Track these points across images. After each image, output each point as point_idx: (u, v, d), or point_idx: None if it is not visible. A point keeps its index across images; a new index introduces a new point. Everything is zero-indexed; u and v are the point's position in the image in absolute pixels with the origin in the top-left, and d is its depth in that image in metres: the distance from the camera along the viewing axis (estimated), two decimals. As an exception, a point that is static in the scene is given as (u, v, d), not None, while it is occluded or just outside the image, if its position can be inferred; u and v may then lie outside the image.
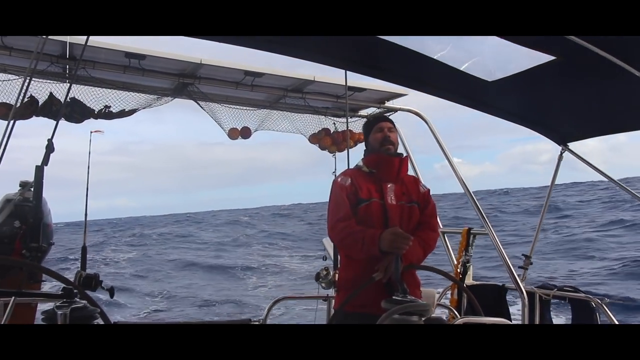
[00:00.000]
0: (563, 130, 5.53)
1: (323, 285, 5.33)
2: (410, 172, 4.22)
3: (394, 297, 2.92)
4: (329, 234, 3.85)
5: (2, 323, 3.47)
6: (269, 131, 6.62)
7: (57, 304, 2.19)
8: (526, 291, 5.22)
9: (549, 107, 4.89)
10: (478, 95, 4.76)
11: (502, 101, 4.90)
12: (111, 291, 4.08)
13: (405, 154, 4.09)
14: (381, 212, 3.75)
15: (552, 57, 3.61)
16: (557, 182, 6.20)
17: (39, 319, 3.93)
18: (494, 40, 3.39)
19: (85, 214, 5.08)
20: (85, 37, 3.92)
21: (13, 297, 3.67)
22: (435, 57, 3.91)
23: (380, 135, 3.94)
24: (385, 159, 3.88)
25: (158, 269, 28.44)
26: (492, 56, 3.97)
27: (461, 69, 4.10)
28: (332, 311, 4.61)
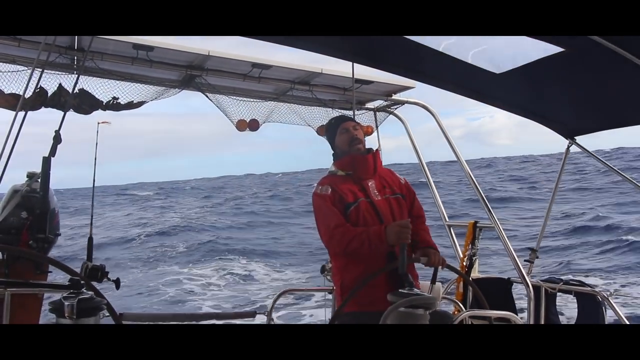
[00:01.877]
0: (570, 124, 5.51)
1: (328, 278, 5.33)
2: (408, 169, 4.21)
3: (400, 290, 2.93)
4: (327, 245, 3.84)
5: (8, 313, 3.50)
6: (187, 97, 6.51)
7: (64, 294, 2.20)
8: (532, 285, 5.23)
9: (557, 100, 4.89)
10: (486, 88, 4.76)
11: (509, 94, 4.89)
12: (117, 283, 4.10)
13: (375, 149, 4.11)
14: (371, 209, 3.77)
15: (561, 49, 3.60)
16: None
17: (45, 310, 3.98)
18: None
19: (92, 205, 5.11)
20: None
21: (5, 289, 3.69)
22: (440, 49, 3.90)
23: (346, 136, 3.95)
24: (360, 158, 3.90)
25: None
26: (500, 47, 3.96)
27: (468, 60, 4.10)
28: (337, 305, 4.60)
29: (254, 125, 6.42)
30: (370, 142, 6.88)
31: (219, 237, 29.26)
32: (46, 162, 3.95)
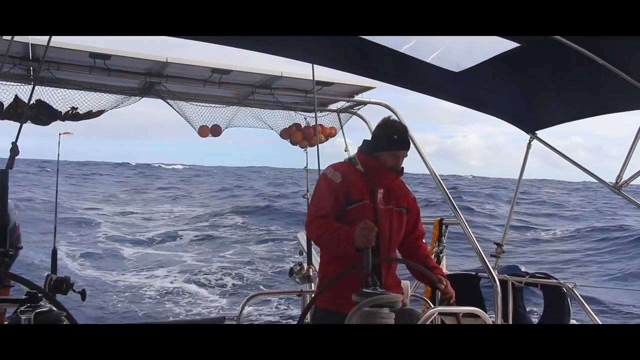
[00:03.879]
0: (531, 118, 5.57)
1: (297, 280, 5.33)
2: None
3: (364, 290, 2.92)
4: (306, 228, 3.84)
5: None
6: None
7: (22, 308, 2.16)
8: (499, 279, 5.28)
9: (516, 96, 4.93)
10: (446, 86, 4.78)
11: (470, 91, 4.93)
12: (82, 294, 4.05)
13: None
14: (372, 215, 3.72)
15: (516, 44, 3.64)
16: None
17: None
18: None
19: (55, 217, 5.04)
20: (47, 37, 3.88)
21: None
22: (398, 49, 3.91)
23: (393, 160, 3.81)
24: (386, 173, 3.82)
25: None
26: (457, 46, 3.98)
27: (428, 60, 4.12)
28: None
29: (216, 130, 6.41)
30: (335, 142, 6.91)
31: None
32: (3, 175, 3.88)
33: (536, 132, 5.68)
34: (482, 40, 3.72)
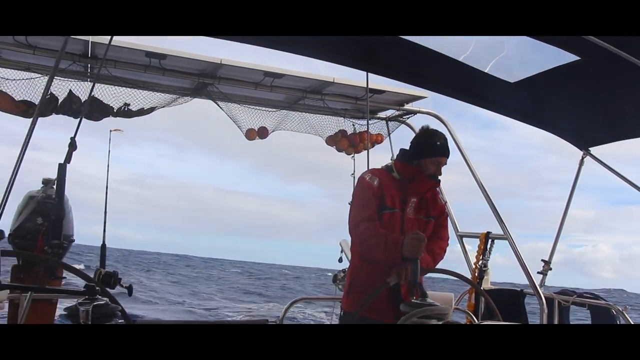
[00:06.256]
0: (585, 133, 5.47)
1: (340, 287, 5.31)
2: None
3: (413, 301, 2.91)
4: (350, 232, 3.84)
5: (22, 317, 3.50)
6: (288, 184, 6.59)
7: (80, 300, 2.20)
8: (545, 297, 5.17)
9: (571, 109, 4.85)
10: (499, 97, 4.73)
11: (522, 104, 4.87)
12: (129, 289, 4.11)
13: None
14: (399, 223, 3.76)
15: (576, 58, 3.59)
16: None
17: (58, 315, 3.97)
18: (517, 38, 3.38)
19: (105, 211, 5.11)
20: (108, 36, 3.96)
21: (30, 293, 3.70)
22: (459, 59, 3.89)
23: (434, 167, 3.83)
24: (424, 180, 3.82)
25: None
26: (515, 55, 3.95)
27: (484, 69, 4.08)
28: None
29: (263, 133, 6.42)
30: (383, 148, 6.89)
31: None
32: (62, 169, 3.96)
33: (590, 149, 5.59)
34: (540, 52, 3.68)
